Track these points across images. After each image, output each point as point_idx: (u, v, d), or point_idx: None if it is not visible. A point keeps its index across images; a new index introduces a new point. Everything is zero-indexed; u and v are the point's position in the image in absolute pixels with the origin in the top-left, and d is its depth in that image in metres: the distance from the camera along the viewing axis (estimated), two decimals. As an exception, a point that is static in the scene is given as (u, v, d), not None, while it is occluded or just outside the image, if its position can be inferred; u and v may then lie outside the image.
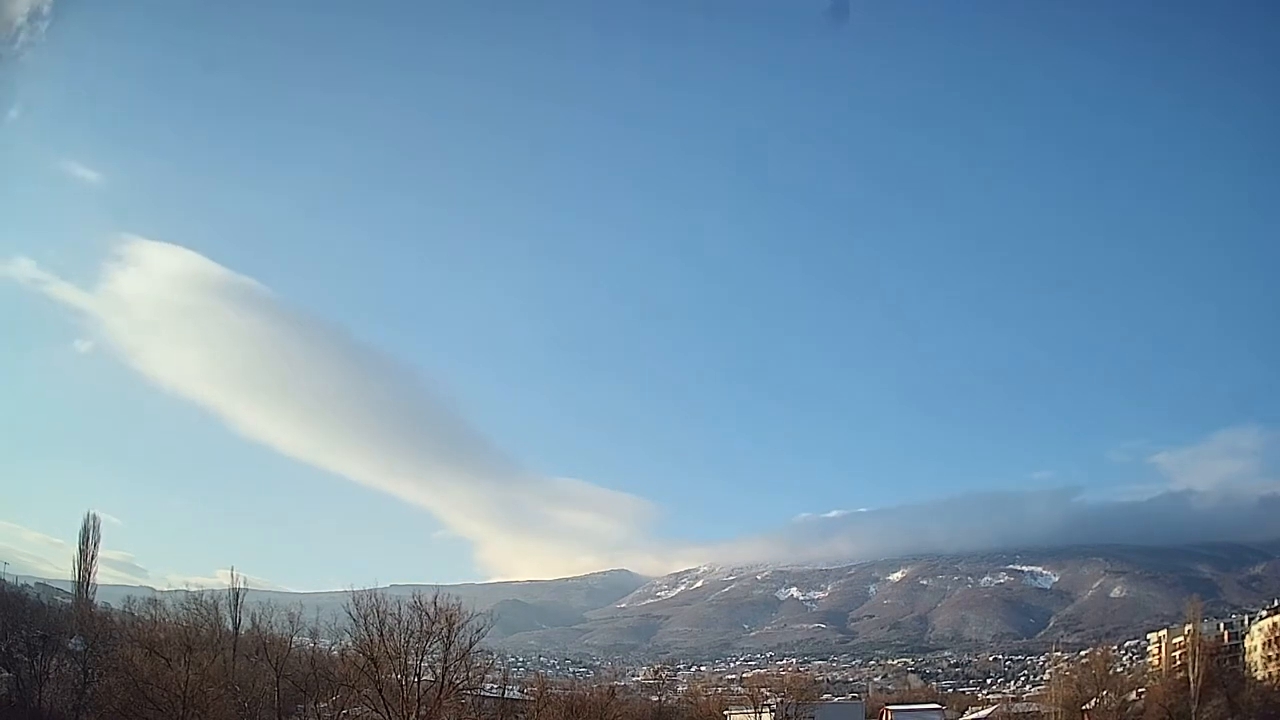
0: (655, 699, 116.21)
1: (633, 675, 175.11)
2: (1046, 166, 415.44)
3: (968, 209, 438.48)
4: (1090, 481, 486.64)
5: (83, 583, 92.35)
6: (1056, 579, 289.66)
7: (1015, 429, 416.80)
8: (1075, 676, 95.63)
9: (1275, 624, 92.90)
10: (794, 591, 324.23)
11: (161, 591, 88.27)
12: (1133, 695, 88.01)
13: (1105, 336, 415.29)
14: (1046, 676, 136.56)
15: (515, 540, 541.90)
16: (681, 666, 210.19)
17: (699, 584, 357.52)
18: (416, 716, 48.79)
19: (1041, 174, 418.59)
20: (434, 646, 51.21)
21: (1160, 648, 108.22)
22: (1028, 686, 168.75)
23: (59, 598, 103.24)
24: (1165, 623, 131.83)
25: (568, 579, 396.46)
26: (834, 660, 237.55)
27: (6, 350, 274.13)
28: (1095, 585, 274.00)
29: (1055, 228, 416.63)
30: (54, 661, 68.29)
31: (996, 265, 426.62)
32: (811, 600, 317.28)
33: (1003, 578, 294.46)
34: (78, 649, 71.88)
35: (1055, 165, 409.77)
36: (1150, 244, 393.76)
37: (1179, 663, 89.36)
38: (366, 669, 49.34)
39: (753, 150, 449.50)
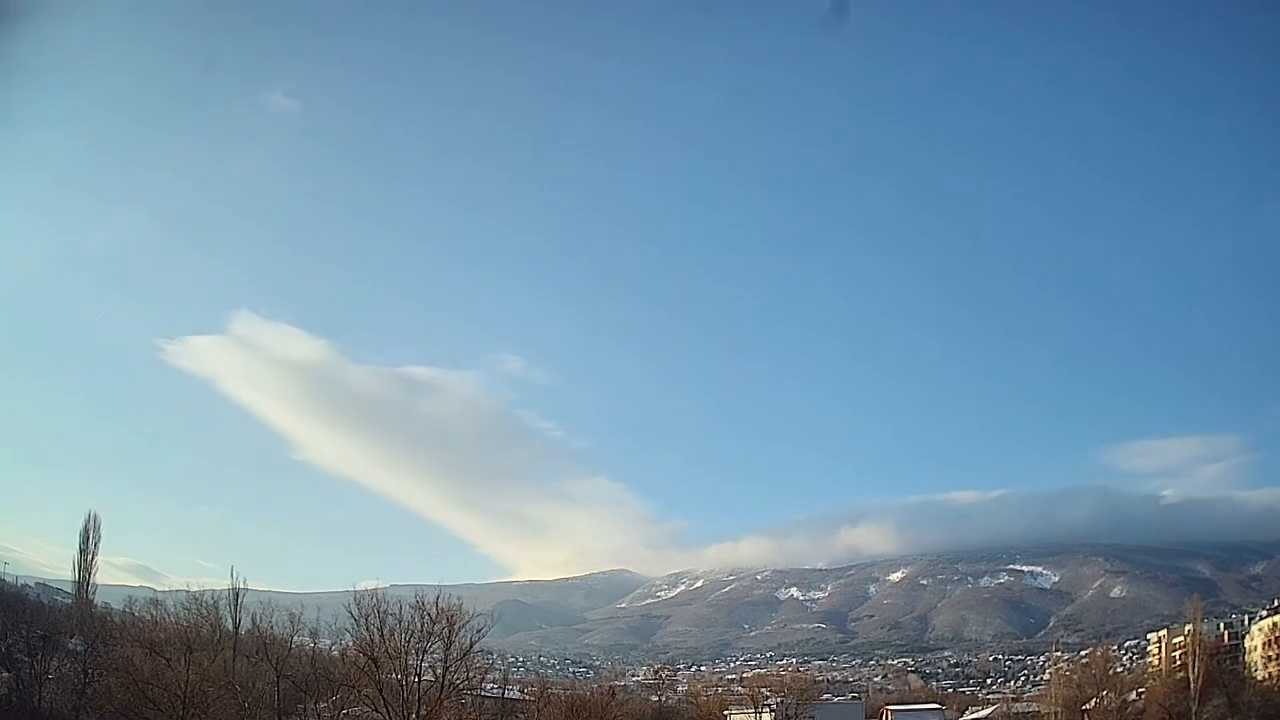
0: (655, 699, 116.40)
1: (633, 675, 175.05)
2: (1045, 164, 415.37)
3: (967, 206, 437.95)
4: (1091, 481, 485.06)
5: (83, 583, 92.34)
6: (1056, 579, 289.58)
7: (1016, 428, 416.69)
8: (1075, 676, 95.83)
9: (1275, 624, 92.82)
10: (794, 591, 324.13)
11: (162, 591, 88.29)
12: (1133, 695, 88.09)
13: (1106, 336, 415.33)
14: (1046, 676, 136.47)
15: (515, 540, 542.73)
16: (681, 666, 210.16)
17: (699, 584, 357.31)
18: (417, 716, 48.81)
19: (1041, 172, 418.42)
20: (434, 646, 51.29)
21: (1160, 648, 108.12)
22: (1028, 686, 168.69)
23: (59, 598, 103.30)
24: (1165, 623, 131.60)
25: (568, 579, 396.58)
26: (834, 660, 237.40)
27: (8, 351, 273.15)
28: (1095, 585, 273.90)
29: (1056, 227, 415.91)
30: (54, 661, 68.25)
31: (998, 264, 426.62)
32: (811, 600, 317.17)
33: (1003, 578, 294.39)
34: (78, 649, 71.90)
35: (1055, 164, 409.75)
36: (1152, 245, 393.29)
37: (1179, 663, 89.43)
38: (367, 669, 49.34)
39: (754, 146, 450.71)
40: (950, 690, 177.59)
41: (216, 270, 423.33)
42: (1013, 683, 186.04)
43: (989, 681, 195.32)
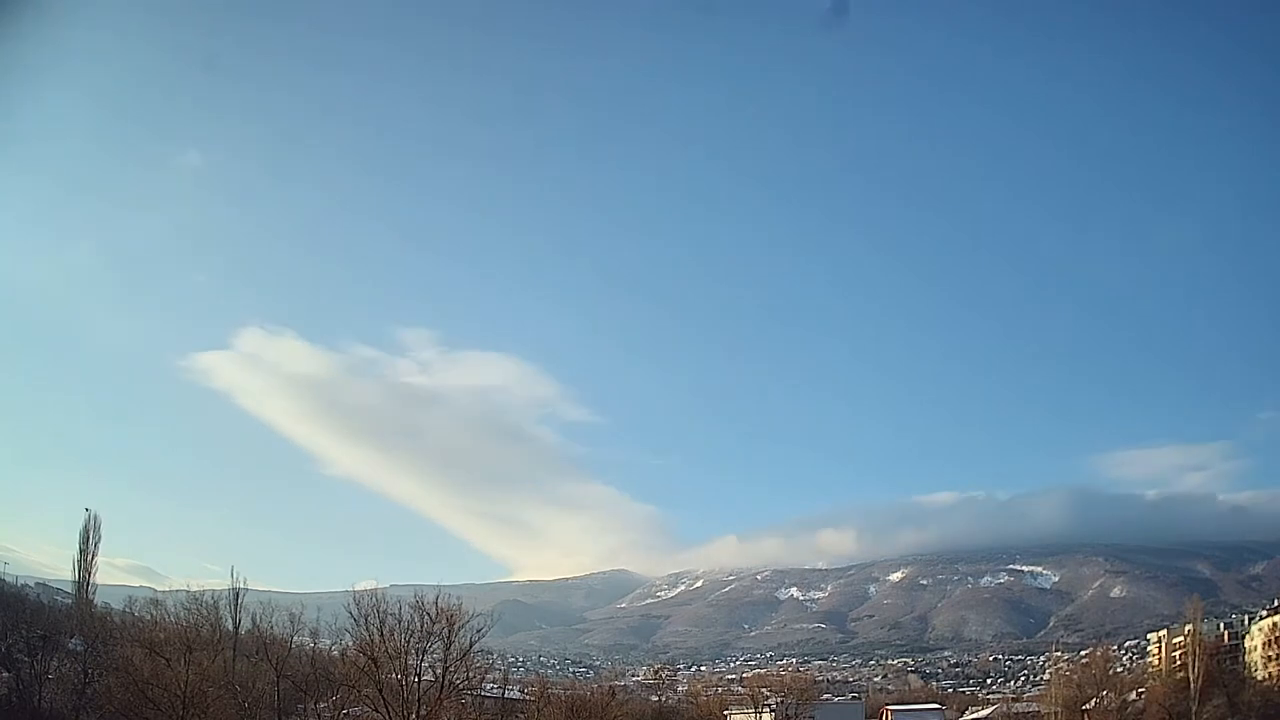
0: (655, 699, 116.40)
1: (633, 675, 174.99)
2: (1045, 164, 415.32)
3: (967, 206, 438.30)
4: (1090, 481, 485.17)
5: (83, 583, 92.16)
6: (1056, 579, 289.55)
7: (1016, 428, 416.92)
8: (1075, 676, 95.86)
9: (1275, 624, 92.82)
10: (794, 591, 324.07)
11: (162, 592, 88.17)
12: (1133, 695, 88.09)
13: (1105, 337, 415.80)
14: (1046, 676, 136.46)
15: (515, 540, 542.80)
16: (681, 666, 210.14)
17: (699, 584, 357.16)
18: (416, 716, 48.82)
19: (1041, 172, 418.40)
20: (434, 646, 51.36)
21: (1160, 648, 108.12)
22: (1028, 686, 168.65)
23: (59, 598, 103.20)
24: (1165, 623, 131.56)
25: (568, 579, 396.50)
26: (834, 660, 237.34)
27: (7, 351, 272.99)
28: (1095, 585, 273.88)
29: (1056, 227, 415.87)
30: (54, 661, 68.14)
31: (998, 264, 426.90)
32: (811, 600, 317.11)
33: (1003, 578, 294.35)
34: (78, 649, 71.81)
35: (1055, 164, 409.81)
36: (1152, 245, 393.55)
37: (1179, 663, 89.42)
38: (367, 669, 49.38)
39: (754, 146, 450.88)
40: (950, 690, 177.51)
41: (220, 280, 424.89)
42: (1013, 683, 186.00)
43: (989, 681, 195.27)
